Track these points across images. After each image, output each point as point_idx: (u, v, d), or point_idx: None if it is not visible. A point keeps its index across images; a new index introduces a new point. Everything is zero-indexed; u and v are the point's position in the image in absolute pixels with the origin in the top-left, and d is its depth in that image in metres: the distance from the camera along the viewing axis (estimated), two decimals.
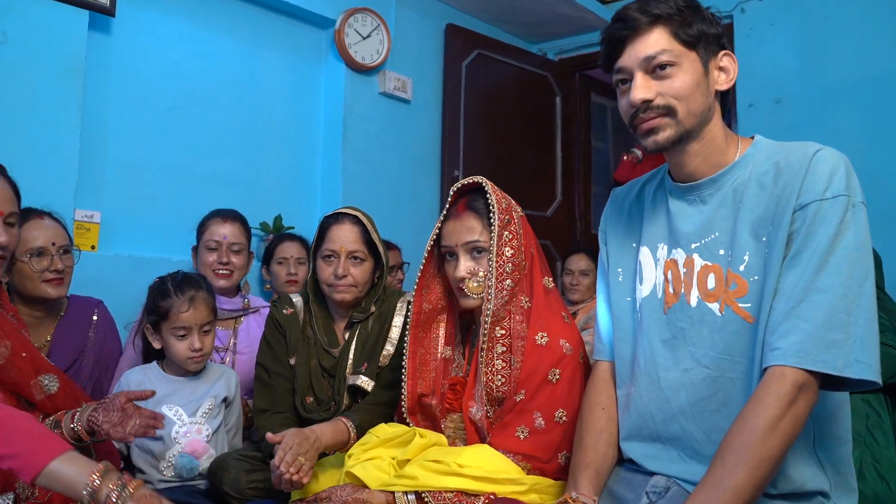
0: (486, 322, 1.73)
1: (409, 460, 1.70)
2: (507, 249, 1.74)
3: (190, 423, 2.16)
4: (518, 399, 1.69)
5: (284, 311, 2.29)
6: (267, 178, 3.66)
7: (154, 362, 2.27)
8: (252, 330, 2.78)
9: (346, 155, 3.86)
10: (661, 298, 1.48)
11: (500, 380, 1.73)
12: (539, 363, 1.69)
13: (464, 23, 4.56)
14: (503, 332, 1.75)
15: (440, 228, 1.86)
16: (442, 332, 1.92)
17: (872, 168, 3.65)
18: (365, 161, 3.94)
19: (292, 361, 2.24)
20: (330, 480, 1.83)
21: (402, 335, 2.21)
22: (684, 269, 1.45)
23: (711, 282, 1.40)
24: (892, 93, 3.69)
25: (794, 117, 3.95)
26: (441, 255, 1.87)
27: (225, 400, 2.25)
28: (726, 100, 1.47)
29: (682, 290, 1.44)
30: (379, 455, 1.73)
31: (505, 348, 1.75)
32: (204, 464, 2.13)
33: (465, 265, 1.78)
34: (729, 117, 1.52)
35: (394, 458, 1.73)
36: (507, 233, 1.74)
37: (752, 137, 1.48)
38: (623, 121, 1.49)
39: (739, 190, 1.39)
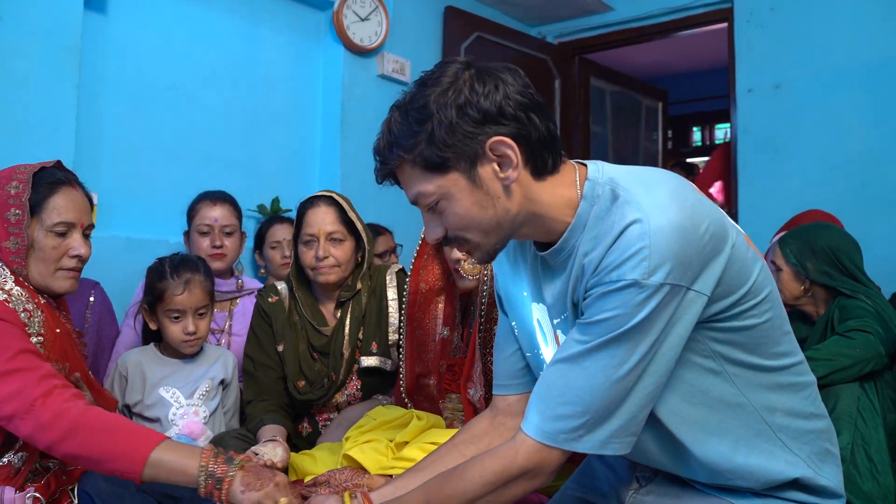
0: (482, 303, 1.73)
1: (407, 443, 1.71)
2: None
3: (187, 405, 2.16)
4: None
5: (270, 300, 2.31)
6: (264, 160, 3.64)
7: (151, 344, 2.27)
8: (247, 311, 2.77)
9: (345, 137, 3.84)
10: None
11: None
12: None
13: (463, 5, 4.53)
14: None
15: None
16: (440, 312, 1.93)
17: (872, 153, 3.66)
18: (363, 143, 3.92)
19: (280, 349, 2.25)
20: (327, 463, 1.84)
21: (401, 307, 2.23)
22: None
23: None
24: (893, 77, 3.67)
25: (793, 102, 3.94)
26: None
27: (222, 382, 2.26)
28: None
29: None
30: (377, 438, 1.74)
31: None
32: (201, 445, 2.14)
33: None
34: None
35: (391, 441, 1.74)
36: None
37: (585, 168, 1.27)
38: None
39: (580, 259, 1.22)
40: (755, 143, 4.05)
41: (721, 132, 7.51)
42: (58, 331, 1.69)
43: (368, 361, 2.20)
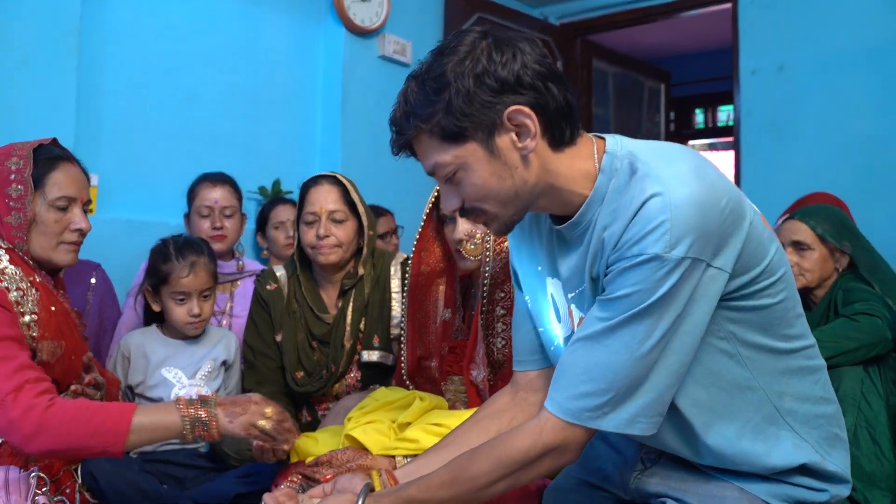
0: (484, 285, 1.73)
1: (409, 424, 1.71)
2: None
3: (189, 386, 2.16)
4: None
5: (268, 287, 2.29)
6: (265, 142, 3.63)
7: (153, 325, 2.27)
8: (248, 293, 2.77)
9: (345, 118, 3.82)
10: None
11: (500, 342, 1.74)
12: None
13: None
14: (503, 294, 1.76)
15: (438, 191, 1.85)
16: (441, 294, 1.92)
17: (877, 135, 3.64)
18: (364, 125, 3.91)
19: (279, 338, 2.24)
20: (329, 444, 1.84)
21: (404, 300, 2.22)
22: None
23: None
24: None
25: (797, 84, 3.91)
26: (440, 217, 1.87)
27: (224, 363, 2.26)
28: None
29: None
30: (379, 418, 1.73)
31: (505, 311, 1.75)
32: None
33: (462, 227, 1.77)
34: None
35: (394, 422, 1.74)
36: None
37: (604, 142, 1.26)
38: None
39: (598, 233, 1.21)
40: (758, 126, 4.03)
41: (724, 114, 7.47)
42: (53, 308, 1.70)
43: (371, 356, 2.18)
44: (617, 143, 1.25)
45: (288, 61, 3.75)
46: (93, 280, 2.56)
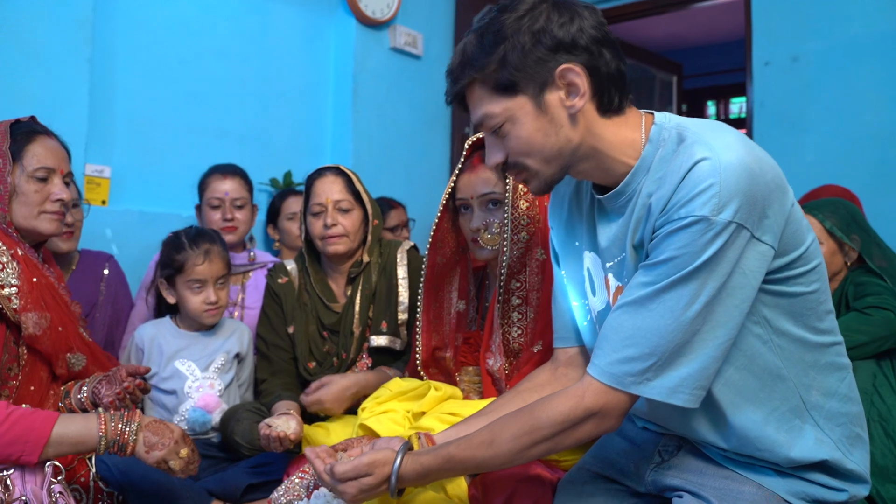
0: (501, 274, 1.73)
1: (424, 413, 1.71)
2: (522, 202, 1.74)
3: (203, 378, 2.17)
4: (535, 350, 1.69)
5: (279, 280, 2.32)
6: (277, 134, 3.63)
7: (167, 317, 2.28)
8: (260, 285, 2.78)
9: (357, 110, 3.82)
10: None
11: (516, 331, 1.74)
12: (551, 320, 1.69)
13: None
14: (518, 284, 1.76)
15: (455, 182, 1.85)
16: (456, 286, 1.93)
17: (891, 128, 3.60)
18: (375, 117, 3.91)
19: (291, 330, 2.26)
20: (341, 434, 1.85)
21: (411, 286, 2.23)
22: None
23: None
24: None
25: (811, 75, 3.87)
26: (456, 208, 1.87)
27: (237, 356, 2.27)
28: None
29: None
30: (393, 408, 1.74)
31: (520, 300, 1.76)
32: (216, 418, 2.16)
33: (480, 217, 1.77)
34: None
35: (408, 412, 1.74)
36: (521, 185, 1.73)
37: (652, 116, 1.29)
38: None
39: (643, 200, 1.23)
40: (771, 118, 4.00)
41: (736, 106, 7.43)
42: (35, 280, 1.71)
43: (378, 341, 2.21)
44: (665, 117, 1.29)
45: (299, 53, 3.75)
46: (105, 271, 2.58)
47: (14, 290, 1.66)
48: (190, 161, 3.11)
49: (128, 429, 1.54)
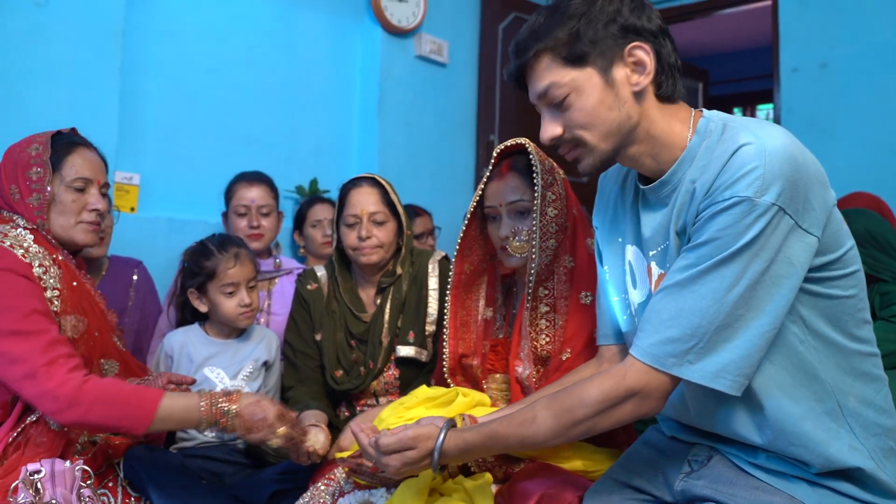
0: (530, 282, 1.73)
1: None
2: (550, 209, 1.73)
3: (231, 386, 2.18)
4: (564, 358, 1.69)
5: (309, 287, 2.31)
6: (303, 142, 3.66)
7: (196, 324, 2.29)
8: (286, 291, 2.79)
9: (382, 118, 3.84)
10: None
11: (544, 339, 1.74)
12: (583, 322, 1.69)
13: None
14: (546, 292, 1.76)
15: (483, 190, 1.85)
16: (483, 293, 1.92)
17: None
18: (401, 125, 3.93)
19: (318, 338, 2.26)
20: None
21: (440, 297, 2.22)
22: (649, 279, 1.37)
23: None
24: None
25: (840, 82, 3.83)
26: (484, 216, 1.87)
27: (265, 363, 2.28)
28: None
29: None
30: (420, 414, 1.73)
31: (548, 308, 1.75)
32: None
33: (508, 224, 1.77)
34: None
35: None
36: (550, 193, 1.73)
37: (702, 112, 1.34)
38: None
39: (687, 187, 1.27)
40: (800, 124, 3.96)
41: (763, 113, 7.37)
42: (74, 284, 1.77)
43: (404, 351, 2.20)
44: (713, 112, 1.33)
45: (325, 61, 3.78)
46: (135, 277, 2.61)
47: (56, 293, 1.71)
48: (217, 168, 3.14)
49: (225, 414, 1.64)
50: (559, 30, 1.28)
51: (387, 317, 2.23)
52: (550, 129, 1.34)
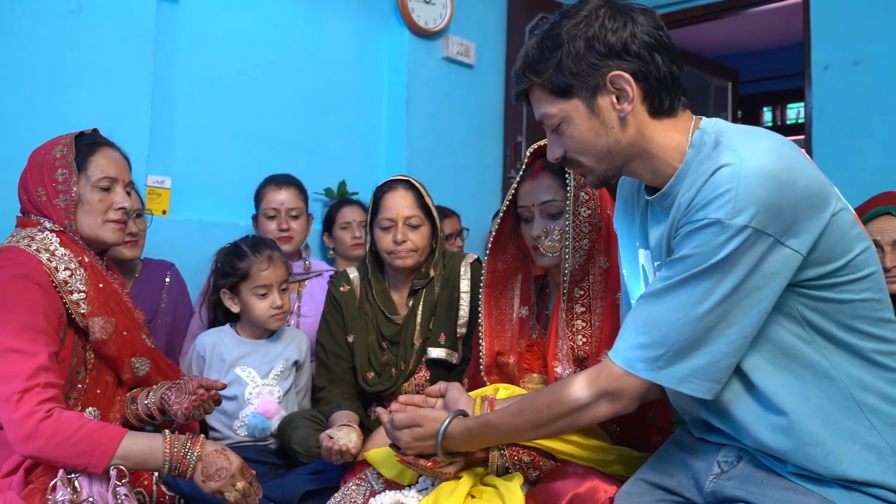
0: (564, 282, 1.72)
1: None
2: (583, 209, 1.73)
3: (262, 385, 2.21)
4: (603, 359, 1.68)
5: (341, 289, 2.32)
6: (331, 144, 3.68)
7: (227, 325, 2.31)
8: (315, 293, 2.81)
9: (410, 120, 3.85)
10: None
11: (581, 339, 1.73)
12: (620, 322, 1.67)
13: None
14: (582, 292, 1.75)
15: (516, 189, 1.85)
16: (518, 292, 1.91)
17: None
18: (428, 127, 3.93)
19: (350, 339, 2.27)
20: None
21: (472, 300, 2.22)
22: None
23: None
24: None
25: (873, 80, 3.77)
26: (517, 215, 1.86)
27: (296, 363, 2.30)
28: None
29: None
30: None
31: (584, 308, 1.75)
32: (275, 424, 2.18)
33: (540, 224, 1.77)
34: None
35: None
36: (583, 193, 1.72)
37: (699, 122, 1.34)
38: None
39: (678, 201, 1.28)
40: (832, 122, 3.90)
41: (793, 112, 7.28)
42: (100, 285, 1.77)
43: (435, 353, 2.20)
44: (710, 122, 1.33)
45: (353, 64, 3.80)
46: (167, 279, 2.64)
47: (82, 295, 1.72)
48: (247, 171, 3.17)
49: (187, 457, 1.61)
50: (544, 63, 1.32)
51: (419, 319, 2.24)
52: (553, 151, 1.40)
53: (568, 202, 1.72)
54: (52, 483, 1.53)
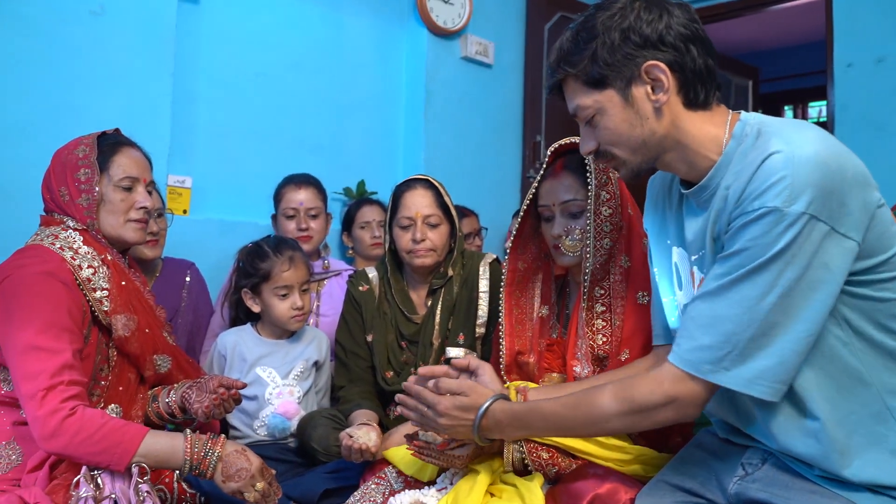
0: (585, 281, 1.71)
1: None
2: (604, 209, 1.72)
3: (283, 385, 2.21)
4: (623, 358, 1.67)
5: (360, 288, 2.33)
6: (350, 144, 3.69)
7: (248, 325, 2.32)
8: (334, 293, 2.82)
9: (428, 120, 3.85)
10: None
11: (601, 339, 1.72)
12: (641, 322, 1.67)
13: None
14: (602, 291, 1.75)
15: (537, 188, 1.84)
16: (538, 292, 1.91)
17: None
18: (447, 126, 3.93)
19: (370, 339, 2.27)
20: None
21: (491, 299, 2.22)
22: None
23: None
24: None
25: None
26: (538, 214, 1.86)
27: (316, 363, 2.30)
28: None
29: None
30: None
31: (604, 308, 1.74)
32: (295, 425, 2.19)
33: (561, 223, 1.76)
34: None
35: None
36: (604, 192, 1.72)
37: (739, 115, 1.33)
38: None
39: (722, 193, 1.27)
40: (854, 121, 3.86)
41: (815, 110, 7.21)
42: (123, 283, 1.79)
43: (454, 352, 2.19)
44: (751, 115, 1.32)
45: (372, 64, 3.80)
46: (187, 278, 2.66)
47: (105, 293, 1.74)
48: (267, 171, 3.18)
49: (208, 457, 1.61)
50: (579, 55, 1.31)
51: (437, 318, 2.24)
52: (586, 144, 1.39)
53: (589, 201, 1.71)
54: (76, 479, 1.55)
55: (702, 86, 1.30)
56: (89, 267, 1.72)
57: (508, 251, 1.89)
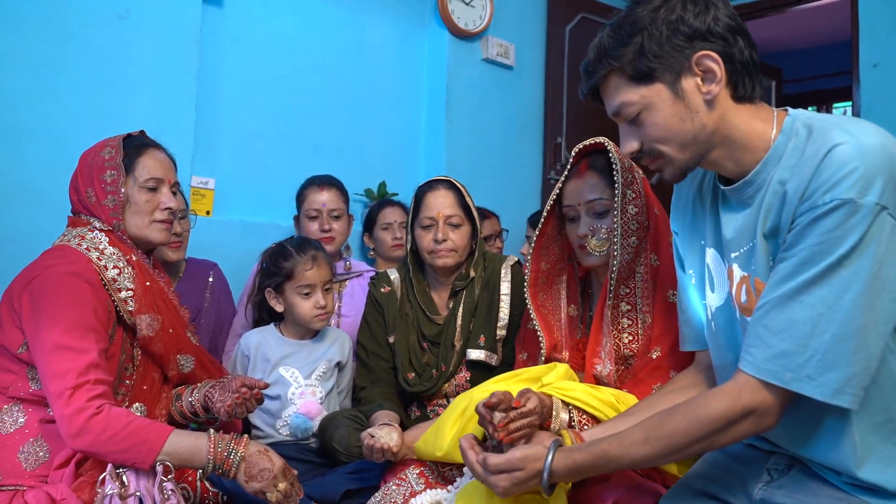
0: (612, 279, 1.70)
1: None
2: (630, 207, 1.71)
3: (305, 385, 2.22)
4: (654, 356, 1.66)
5: (382, 290, 2.33)
6: (372, 145, 3.70)
7: (272, 325, 2.34)
8: (356, 293, 2.83)
9: (450, 121, 3.86)
10: (733, 313, 1.35)
11: (627, 337, 1.72)
12: (671, 320, 1.65)
13: None
14: (627, 290, 1.74)
15: (561, 189, 1.84)
16: (564, 293, 1.90)
17: None
18: (468, 128, 3.93)
19: (391, 340, 2.28)
20: (451, 430, 1.78)
21: (513, 302, 2.22)
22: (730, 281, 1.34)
23: (744, 295, 1.30)
24: None
25: None
26: (561, 215, 1.86)
27: (338, 364, 2.31)
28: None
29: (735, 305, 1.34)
30: (505, 388, 1.61)
31: (629, 307, 1.74)
32: (317, 425, 2.19)
33: (586, 223, 1.76)
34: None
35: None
36: (629, 191, 1.71)
37: (786, 111, 1.29)
38: None
39: (775, 188, 1.23)
40: (880, 122, 3.65)
41: (839, 111, 7.13)
42: (147, 284, 1.81)
43: (475, 354, 2.20)
44: (798, 110, 1.29)
45: (393, 66, 3.81)
46: (210, 279, 2.68)
47: (130, 293, 1.76)
48: (289, 173, 3.20)
49: (231, 457, 1.62)
50: (623, 49, 1.27)
51: (459, 320, 2.24)
52: (628, 144, 1.34)
53: (616, 198, 1.70)
54: (101, 477, 1.56)
55: (749, 78, 1.27)
56: (115, 267, 1.74)
57: (530, 254, 1.89)
